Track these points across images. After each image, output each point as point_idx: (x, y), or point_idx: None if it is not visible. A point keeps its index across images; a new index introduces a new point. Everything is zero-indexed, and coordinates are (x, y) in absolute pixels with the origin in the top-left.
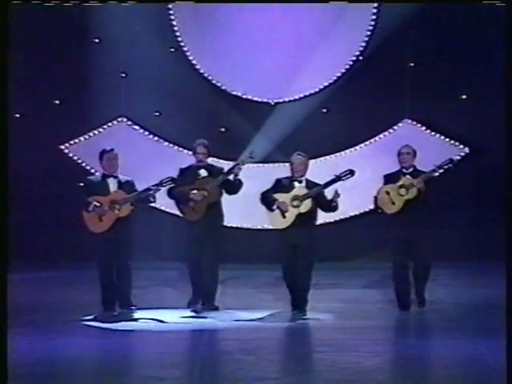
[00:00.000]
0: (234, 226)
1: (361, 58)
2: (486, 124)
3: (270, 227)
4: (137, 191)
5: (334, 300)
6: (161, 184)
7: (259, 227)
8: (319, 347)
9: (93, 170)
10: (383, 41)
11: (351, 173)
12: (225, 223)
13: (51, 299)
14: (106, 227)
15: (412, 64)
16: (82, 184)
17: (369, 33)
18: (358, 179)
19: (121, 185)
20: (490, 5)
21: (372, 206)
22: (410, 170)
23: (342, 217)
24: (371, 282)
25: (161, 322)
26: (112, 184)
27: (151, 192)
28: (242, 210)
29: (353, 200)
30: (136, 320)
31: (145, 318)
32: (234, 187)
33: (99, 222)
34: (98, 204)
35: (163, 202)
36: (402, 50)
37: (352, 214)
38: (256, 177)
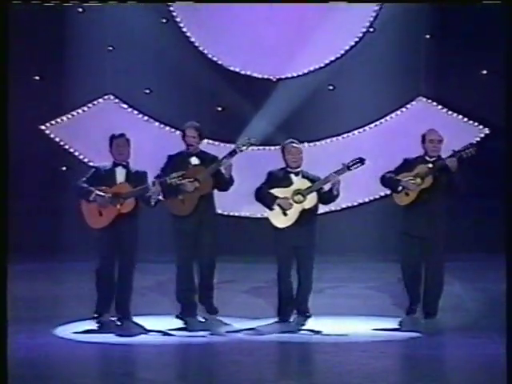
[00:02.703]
0: (232, 214)
1: (371, 29)
2: (508, 102)
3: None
4: (144, 185)
5: (338, 296)
6: (170, 179)
7: (258, 215)
8: (325, 347)
9: (77, 153)
10: (396, 10)
11: (361, 161)
12: (222, 212)
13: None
14: (105, 223)
15: (428, 36)
16: (88, 172)
17: (380, 1)
18: (367, 163)
19: (128, 176)
20: None
21: (382, 193)
22: (434, 158)
23: (350, 204)
24: (379, 277)
25: (166, 334)
26: (120, 174)
27: (154, 189)
28: (239, 198)
29: (361, 186)
30: (140, 334)
31: (150, 331)
32: (226, 182)
33: (98, 217)
34: (101, 194)
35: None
36: (416, 21)
37: (361, 201)
38: (255, 161)
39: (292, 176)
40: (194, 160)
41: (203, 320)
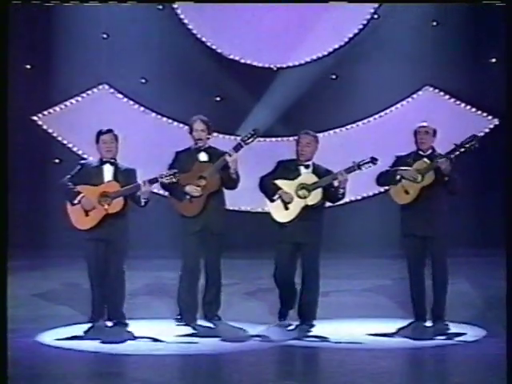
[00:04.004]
0: (232, 209)
1: (375, 16)
2: (509, 98)
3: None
4: (133, 184)
5: (342, 294)
6: (161, 178)
7: (259, 210)
8: (328, 346)
9: (70, 145)
10: None
11: (373, 161)
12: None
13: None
14: (92, 224)
15: (434, 23)
16: (75, 168)
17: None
18: (371, 155)
19: (117, 173)
20: None
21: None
22: (428, 152)
23: (353, 198)
24: (384, 274)
25: (158, 341)
26: (108, 172)
27: (144, 189)
28: (238, 191)
29: (364, 179)
30: (132, 339)
31: (141, 337)
32: (232, 179)
33: (84, 217)
34: (86, 197)
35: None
36: (422, 7)
37: (365, 194)
38: (254, 153)
39: (301, 168)
40: (203, 156)
41: (211, 326)
